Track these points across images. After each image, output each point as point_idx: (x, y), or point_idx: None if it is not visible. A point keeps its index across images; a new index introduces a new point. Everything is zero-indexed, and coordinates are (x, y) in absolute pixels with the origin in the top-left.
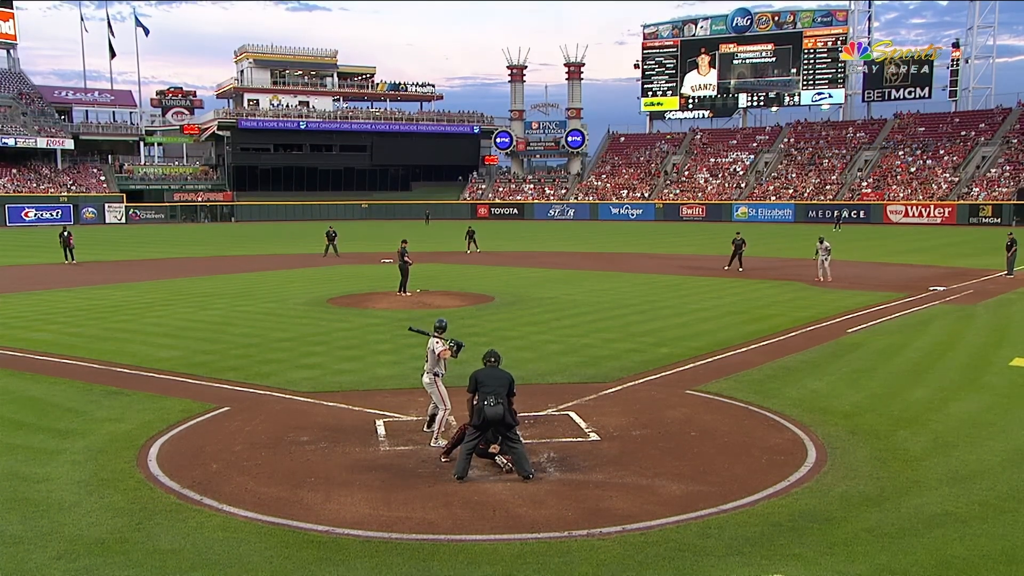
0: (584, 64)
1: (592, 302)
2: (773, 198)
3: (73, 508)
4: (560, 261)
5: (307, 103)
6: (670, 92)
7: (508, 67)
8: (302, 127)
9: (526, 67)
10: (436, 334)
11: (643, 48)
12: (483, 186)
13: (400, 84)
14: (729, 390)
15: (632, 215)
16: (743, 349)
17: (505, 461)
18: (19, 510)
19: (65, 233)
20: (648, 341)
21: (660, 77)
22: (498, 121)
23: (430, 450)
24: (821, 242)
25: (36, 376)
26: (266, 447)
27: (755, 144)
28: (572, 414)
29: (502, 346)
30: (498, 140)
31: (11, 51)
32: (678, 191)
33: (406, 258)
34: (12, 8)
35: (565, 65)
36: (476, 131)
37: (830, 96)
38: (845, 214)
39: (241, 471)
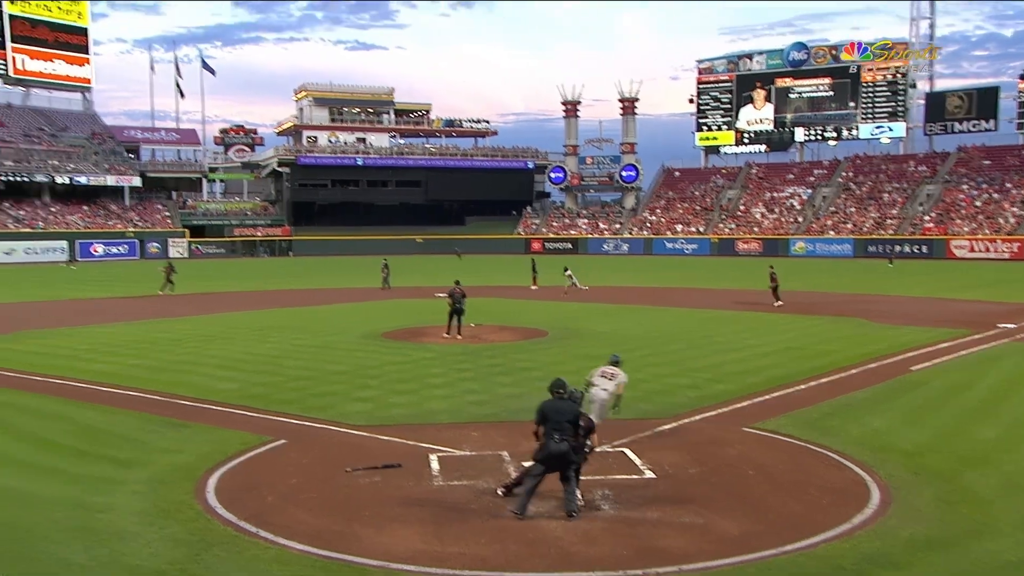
0: (638, 99)
1: (646, 336)
2: (831, 232)
3: (134, 538)
4: (614, 295)
5: (364, 139)
6: (725, 126)
7: (562, 103)
8: (359, 163)
9: (580, 102)
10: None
11: (698, 83)
12: (537, 220)
13: (455, 120)
14: (787, 427)
15: (687, 250)
16: (801, 386)
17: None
18: (82, 539)
19: (168, 265)
20: (704, 377)
21: (715, 112)
22: (552, 156)
23: (483, 485)
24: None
25: (100, 407)
26: (321, 480)
27: (812, 178)
28: (627, 451)
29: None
30: (552, 175)
31: (86, 94)
32: (733, 225)
33: (455, 298)
34: (88, 54)
35: (619, 100)
36: (530, 166)
37: (890, 129)
38: (907, 249)
39: (296, 504)
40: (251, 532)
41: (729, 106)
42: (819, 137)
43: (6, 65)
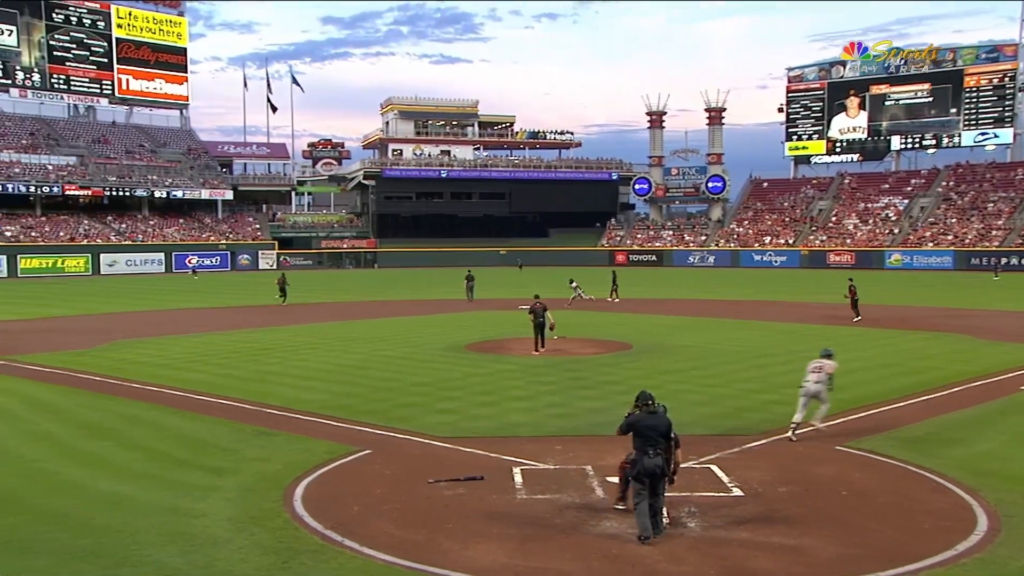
0: (725, 109)
1: (733, 351)
2: (930, 244)
3: (226, 544)
4: (700, 308)
5: (448, 152)
6: (816, 136)
7: (647, 113)
8: (443, 175)
9: (665, 113)
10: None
11: (787, 91)
12: (621, 232)
13: (538, 132)
14: (883, 447)
15: (775, 262)
16: (898, 404)
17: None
18: (178, 543)
19: (282, 277)
20: (792, 393)
21: (805, 120)
22: (637, 167)
23: (567, 499)
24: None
25: (194, 415)
26: (405, 491)
27: (909, 188)
28: (713, 467)
29: None
30: (636, 186)
31: (183, 111)
32: (825, 237)
33: (536, 312)
34: (186, 73)
35: (706, 110)
36: (614, 177)
37: (996, 136)
38: (1013, 261)
39: (380, 514)
40: (337, 541)
41: (820, 114)
42: (917, 145)
43: (112, 86)
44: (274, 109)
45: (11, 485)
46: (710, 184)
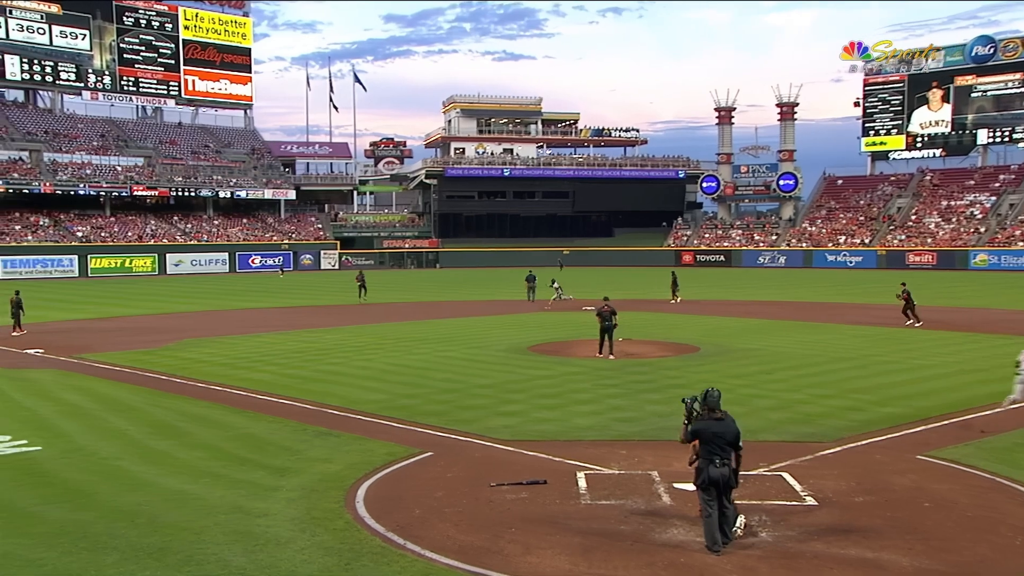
0: (798, 104)
1: (805, 355)
2: (1021, 244)
3: (288, 544)
4: (770, 311)
5: (511, 150)
6: (895, 130)
7: (716, 109)
8: (506, 174)
9: (734, 109)
10: None
11: (864, 84)
12: (688, 232)
13: (603, 129)
14: (969, 457)
15: (850, 262)
16: (985, 412)
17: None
18: (243, 543)
19: (361, 275)
20: (869, 399)
21: (883, 115)
22: (704, 165)
23: (632, 505)
24: None
25: (257, 414)
26: (467, 494)
27: (997, 184)
28: (785, 475)
29: None
30: (704, 184)
31: (247, 111)
32: (903, 236)
33: (603, 315)
34: (250, 73)
35: (777, 105)
36: (681, 176)
37: None
38: None
39: (442, 517)
40: (398, 544)
41: (900, 108)
42: (1006, 139)
43: (179, 87)
44: (336, 109)
45: (85, 481)
46: (781, 182)
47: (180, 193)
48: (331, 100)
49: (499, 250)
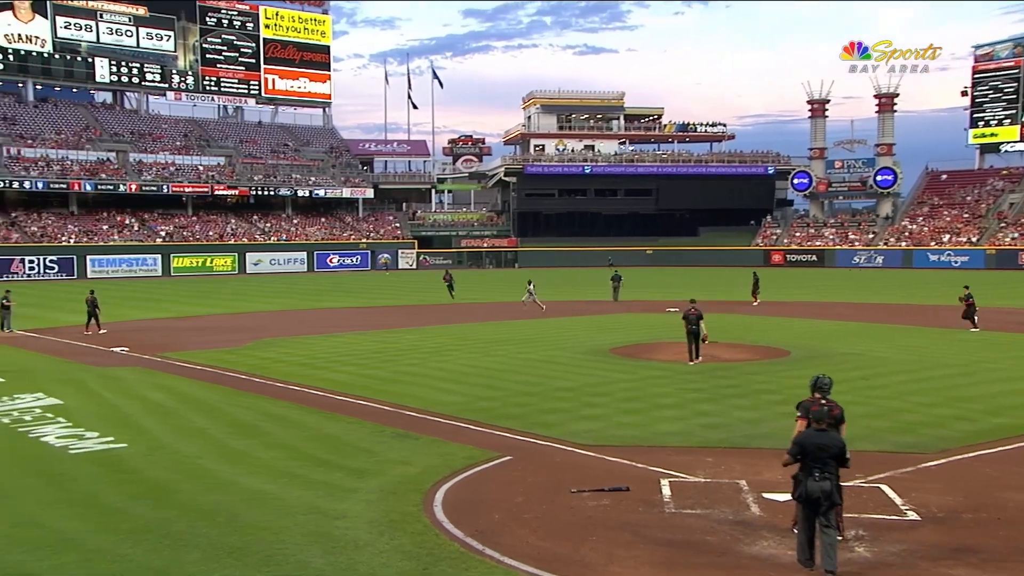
0: (898, 94)
1: (905, 360)
2: None
3: (366, 547)
4: (866, 313)
5: (592, 147)
6: (1008, 121)
7: (808, 101)
8: (587, 171)
9: (828, 101)
10: None
11: (973, 72)
12: (778, 230)
13: (688, 124)
14: None
15: (955, 262)
16: None
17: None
18: (321, 544)
19: (448, 275)
20: (977, 408)
21: (995, 104)
22: (796, 160)
23: (719, 515)
24: None
25: (334, 415)
26: (547, 500)
27: None
28: (884, 487)
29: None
30: (795, 181)
31: (326, 109)
32: (1016, 235)
33: (689, 319)
34: (329, 71)
35: (875, 96)
36: (770, 172)
37: None
38: None
39: (522, 523)
40: (477, 550)
41: (1014, 96)
42: None
43: (259, 86)
44: (414, 106)
45: (167, 479)
46: (879, 177)
47: (259, 192)
48: (409, 97)
49: (579, 249)
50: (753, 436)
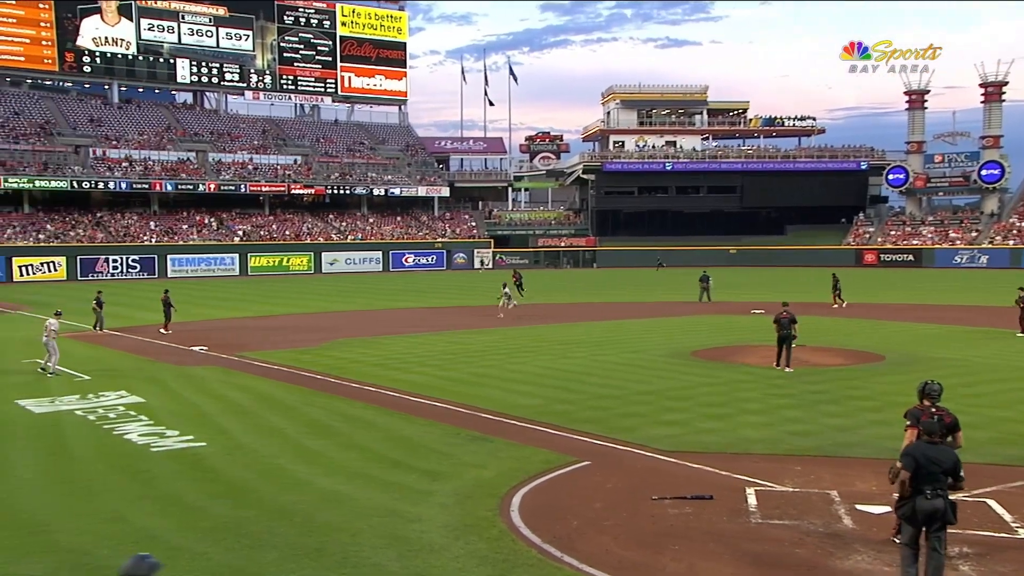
0: (1007, 83)
1: (1014, 367)
2: None
3: (442, 551)
4: (969, 316)
5: (674, 143)
6: None
7: (906, 92)
8: (668, 168)
9: (928, 91)
10: None
11: None
12: (871, 229)
13: (775, 118)
14: None
15: None
16: None
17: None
18: (396, 547)
19: (517, 275)
20: None
21: None
22: (891, 155)
23: (808, 527)
24: None
25: (409, 416)
26: (626, 507)
27: None
28: (990, 502)
29: (896, 413)
30: (890, 176)
31: (402, 107)
32: None
33: (781, 324)
34: (405, 68)
35: (981, 86)
36: (863, 167)
37: None
38: None
39: (601, 530)
40: (555, 556)
41: None
42: None
43: (335, 84)
44: (490, 103)
45: (246, 478)
46: (984, 172)
47: (335, 191)
48: (486, 94)
49: (660, 249)
50: (845, 444)
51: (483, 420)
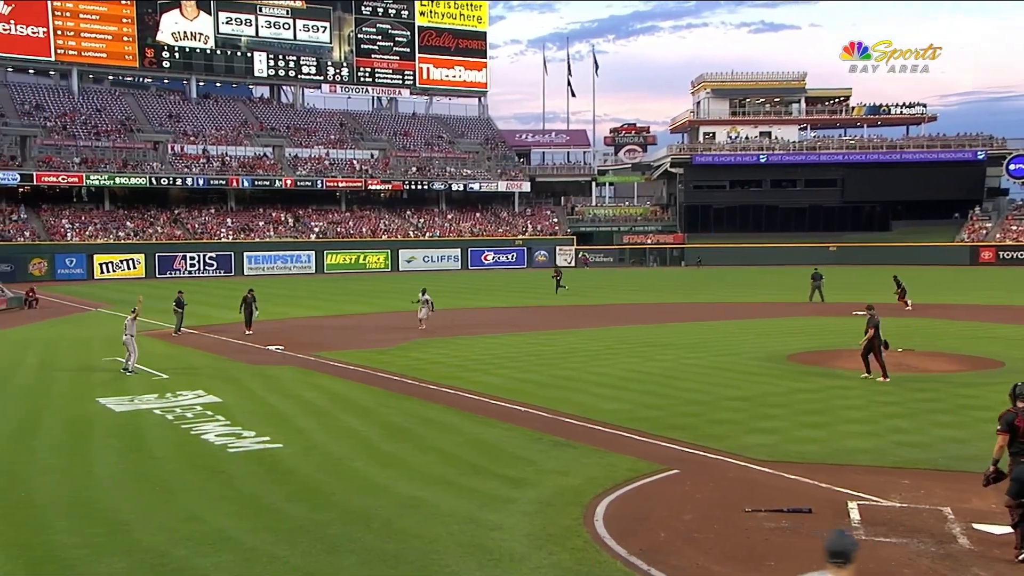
0: None
1: None
2: None
3: (523, 561)
4: None
5: (769, 134)
6: None
7: None
8: (762, 161)
9: None
10: None
11: None
12: (988, 224)
13: (880, 106)
14: None
15: None
16: None
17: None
18: (476, 556)
19: (557, 270)
20: None
21: None
22: (1012, 143)
23: (919, 546)
24: None
25: (489, 420)
26: (718, 519)
27: None
28: None
29: None
30: (1012, 167)
31: (481, 99)
32: None
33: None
34: (486, 58)
35: None
36: (980, 157)
37: None
38: None
39: (691, 543)
40: (643, 570)
41: None
42: None
43: (413, 76)
44: (573, 94)
45: (322, 480)
46: None
47: (412, 187)
48: (569, 84)
49: (753, 246)
50: (960, 458)
51: (566, 425)
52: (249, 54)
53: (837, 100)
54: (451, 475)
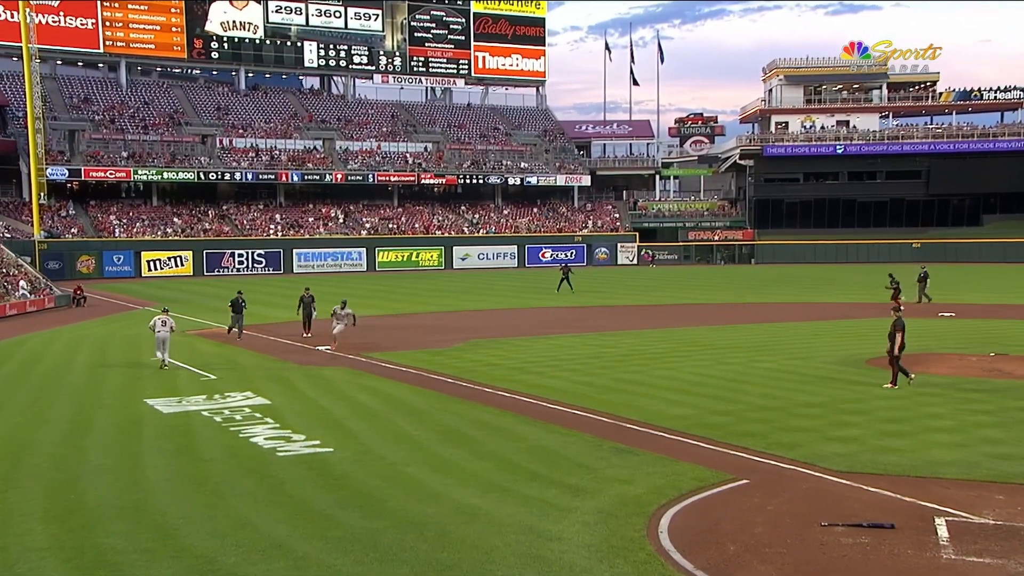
0: None
1: None
2: None
3: (584, 574)
4: None
5: (847, 123)
6: None
7: None
8: (839, 151)
9: None
10: None
11: None
12: None
13: (971, 91)
14: None
15: None
16: None
17: None
18: (534, 567)
19: (566, 267)
20: None
21: None
22: None
23: (1016, 568)
24: None
25: (548, 425)
26: (792, 533)
27: None
28: None
29: None
30: None
31: (539, 89)
32: None
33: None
34: (544, 46)
35: None
36: None
37: None
38: None
39: (762, 558)
40: None
41: None
42: None
43: (468, 65)
44: (635, 83)
45: (375, 486)
46: None
47: (467, 181)
48: (632, 72)
49: (829, 243)
50: None
51: (628, 431)
52: (299, 44)
53: (923, 85)
54: (508, 482)
